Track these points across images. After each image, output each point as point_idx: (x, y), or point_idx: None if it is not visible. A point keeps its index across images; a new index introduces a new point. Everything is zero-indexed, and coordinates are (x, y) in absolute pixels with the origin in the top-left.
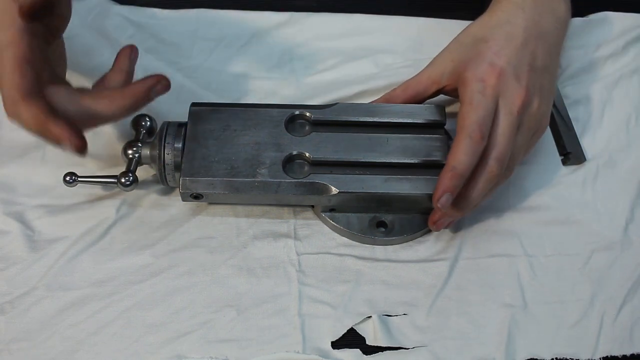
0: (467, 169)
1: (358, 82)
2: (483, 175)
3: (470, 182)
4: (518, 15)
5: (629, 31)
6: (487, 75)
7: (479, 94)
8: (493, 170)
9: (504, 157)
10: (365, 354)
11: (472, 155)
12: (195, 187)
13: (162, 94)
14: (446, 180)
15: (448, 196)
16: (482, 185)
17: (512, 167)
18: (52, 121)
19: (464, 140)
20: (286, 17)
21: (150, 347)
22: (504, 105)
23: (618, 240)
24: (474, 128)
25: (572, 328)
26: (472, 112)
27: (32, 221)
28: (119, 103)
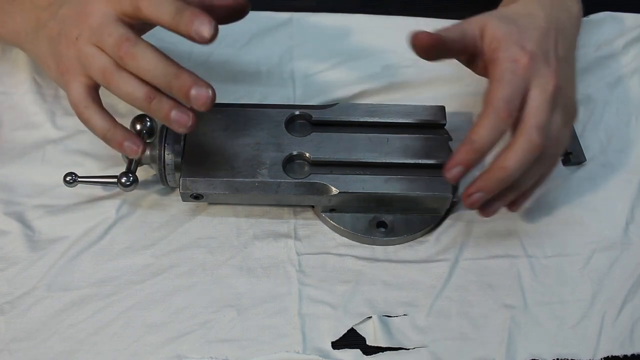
0: (486, 144)
1: (358, 82)
2: (522, 144)
3: (507, 152)
4: (538, 8)
5: (629, 31)
6: (520, 56)
7: (510, 72)
8: (534, 139)
9: (544, 127)
10: (365, 354)
11: (494, 131)
12: (196, 187)
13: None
14: (461, 153)
15: (460, 169)
16: (522, 155)
17: (557, 154)
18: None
19: (489, 115)
20: (286, 17)
21: (150, 347)
22: (538, 85)
23: (618, 240)
24: (501, 104)
25: (572, 328)
26: (500, 88)
27: (32, 221)
28: None
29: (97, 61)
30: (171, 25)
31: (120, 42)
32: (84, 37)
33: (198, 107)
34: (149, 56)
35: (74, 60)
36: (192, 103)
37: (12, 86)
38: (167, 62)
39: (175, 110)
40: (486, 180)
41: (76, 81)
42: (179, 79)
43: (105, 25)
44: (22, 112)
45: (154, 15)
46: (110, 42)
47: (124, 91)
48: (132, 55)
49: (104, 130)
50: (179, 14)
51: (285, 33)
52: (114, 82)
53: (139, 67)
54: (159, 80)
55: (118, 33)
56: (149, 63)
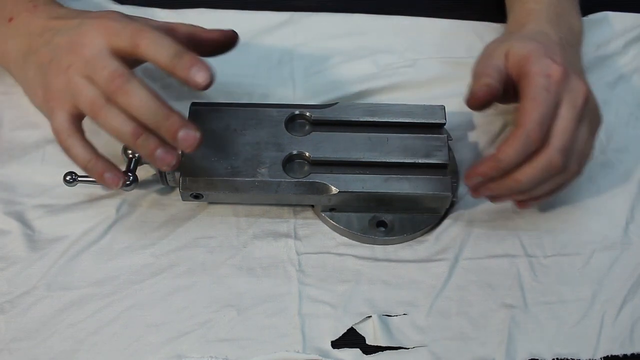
0: (511, 165)
1: (358, 82)
2: (542, 164)
3: (525, 167)
4: (548, 27)
5: (629, 31)
6: (553, 71)
7: (544, 90)
8: (555, 161)
9: (568, 148)
10: (365, 354)
11: (522, 153)
12: (195, 186)
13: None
14: (485, 167)
15: (479, 179)
16: (539, 173)
17: (583, 164)
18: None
19: (520, 136)
20: (286, 17)
21: (150, 346)
22: (568, 100)
23: (618, 240)
24: (534, 127)
25: (572, 328)
26: (534, 108)
27: (32, 221)
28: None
29: (87, 92)
30: (168, 67)
31: (113, 76)
32: (76, 67)
33: (184, 149)
34: (141, 94)
35: (62, 89)
36: (179, 144)
37: (12, 86)
38: (158, 102)
39: (160, 149)
40: (498, 185)
41: (61, 109)
42: (168, 120)
43: (99, 58)
44: (22, 112)
45: (151, 55)
46: (104, 75)
47: (111, 125)
48: (124, 91)
49: (84, 161)
50: (177, 57)
51: (285, 33)
52: (102, 116)
53: (130, 104)
54: (148, 119)
55: (112, 67)
56: (140, 101)
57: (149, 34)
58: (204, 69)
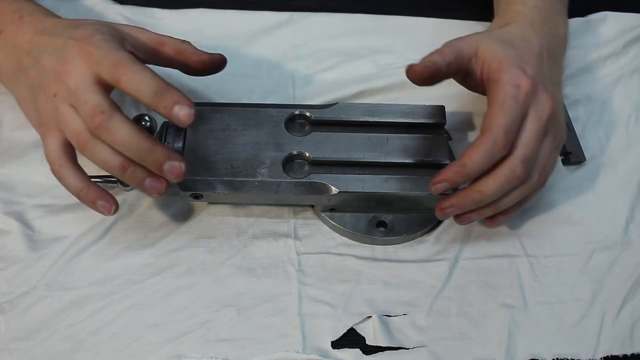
0: (477, 170)
1: (358, 82)
2: (504, 173)
3: (487, 178)
4: (531, 32)
5: (629, 31)
6: (522, 81)
7: (512, 99)
8: (517, 171)
9: (530, 159)
10: (365, 354)
11: (488, 159)
12: (195, 187)
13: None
14: (450, 173)
15: (446, 185)
16: (502, 184)
17: (546, 176)
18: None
19: (486, 142)
20: (286, 17)
21: (150, 346)
22: (534, 112)
23: (618, 240)
24: (500, 133)
25: (572, 328)
26: (502, 116)
27: (32, 221)
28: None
29: (73, 125)
30: (150, 104)
31: (94, 113)
32: (61, 96)
33: (170, 179)
34: (123, 131)
35: (51, 116)
36: (165, 175)
37: None
38: (141, 136)
39: (149, 179)
40: (461, 198)
41: (52, 136)
42: (152, 154)
43: (81, 90)
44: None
45: (133, 92)
46: (85, 110)
47: (98, 158)
48: (106, 128)
49: (77, 190)
50: (159, 96)
51: (285, 33)
52: (89, 149)
53: (113, 141)
54: (132, 154)
55: (93, 102)
56: (122, 138)
57: (128, 70)
58: (187, 106)
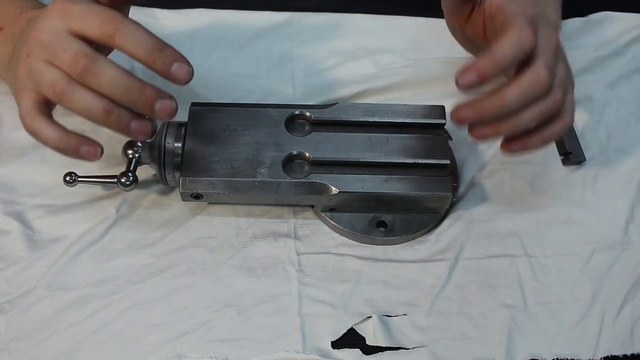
0: (507, 59)
1: (358, 82)
2: (528, 77)
3: (512, 82)
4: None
5: (629, 31)
6: (527, 9)
7: (522, 15)
8: (541, 76)
9: (552, 68)
10: (365, 354)
11: (517, 47)
12: (195, 187)
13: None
14: (479, 62)
15: (474, 76)
16: (526, 88)
17: (565, 94)
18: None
19: (512, 32)
20: (286, 17)
21: (150, 347)
22: (542, 37)
23: (618, 240)
24: (524, 23)
25: (572, 328)
26: (518, 19)
27: (32, 221)
28: None
29: (47, 76)
30: (147, 61)
31: (77, 57)
32: (34, 53)
33: (162, 118)
34: (112, 71)
35: (25, 78)
36: (157, 115)
37: None
38: (130, 77)
39: (134, 121)
40: (481, 103)
41: (26, 97)
42: (143, 93)
43: (57, 41)
44: None
45: (129, 48)
46: (65, 58)
47: (79, 106)
48: (92, 71)
49: (55, 140)
50: (157, 52)
51: (285, 33)
52: (67, 98)
53: (101, 84)
54: (121, 96)
55: (74, 48)
56: (111, 79)
57: (122, 25)
58: (185, 64)
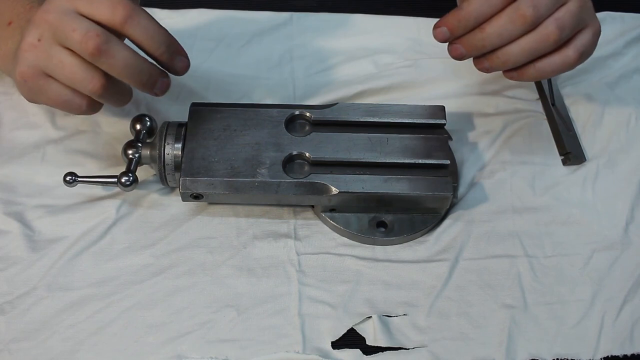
0: (473, 13)
1: (358, 82)
2: (508, 11)
3: (492, 19)
4: None
5: (629, 31)
6: None
7: None
8: (522, 9)
9: (542, 3)
10: (365, 354)
11: (485, 1)
12: (195, 187)
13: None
14: (448, 17)
15: (444, 30)
16: (503, 20)
17: (563, 32)
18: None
19: None
20: (286, 17)
21: (150, 347)
22: None
23: (618, 240)
24: None
25: (572, 328)
26: None
27: (32, 221)
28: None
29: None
30: (154, 53)
31: (88, 37)
32: (46, 37)
33: (157, 95)
34: (125, 54)
35: (40, 66)
36: (155, 92)
37: (12, 86)
38: (140, 58)
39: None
40: (467, 37)
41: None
42: (150, 76)
43: (65, 20)
44: (22, 112)
45: (139, 38)
46: (76, 37)
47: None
48: (105, 51)
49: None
50: (166, 46)
51: (285, 33)
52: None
53: (113, 65)
54: (131, 78)
55: (84, 27)
56: (122, 59)
57: (135, 14)
58: (185, 57)
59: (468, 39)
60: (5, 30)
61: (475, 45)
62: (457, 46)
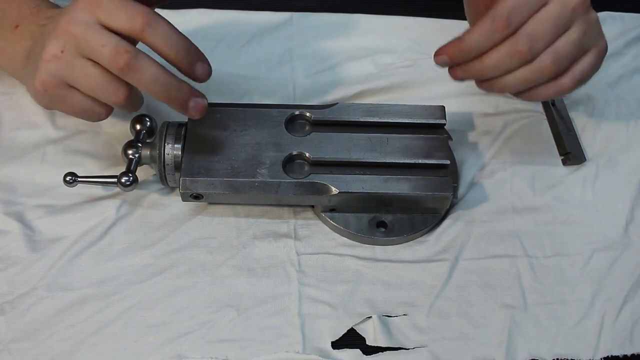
0: (474, 47)
1: (358, 82)
2: (505, 46)
3: (491, 51)
4: None
5: (629, 31)
6: None
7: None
8: (519, 44)
9: (538, 38)
10: (365, 354)
11: (485, 36)
12: (196, 187)
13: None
14: (450, 46)
15: (444, 58)
16: (501, 55)
17: (560, 64)
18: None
19: (485, 20)
20: (286, 17)
21: (150, 347)
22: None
23: (618, 240)
24: (502, 14)
25: (572, 328)
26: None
27: (32, 221)
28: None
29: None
30: (174, 60)
31: (118, 52)
32: (69, 50)
33: (193, 116)
34: (152, 69)
35: (62, 78)
36: (188, 112)
37: (12, 86)
38: (168, 73)
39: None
40: (468, 65)
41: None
42: (180, 91)
43: (92, 35)
44: (22, 112)
45: (158, 45)
46: (105, 53)
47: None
48: (133, 67)
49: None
50: (186, 51)
51: (285, 33)
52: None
53: (141, 79)
54: (159, 93)
55: (112, 43)
56: (152, 75)
57: (154, 21)
58: (207, 64)
59: (468, 68)
60: (12, 33)
61: (475, 74)
62: (458, 71)
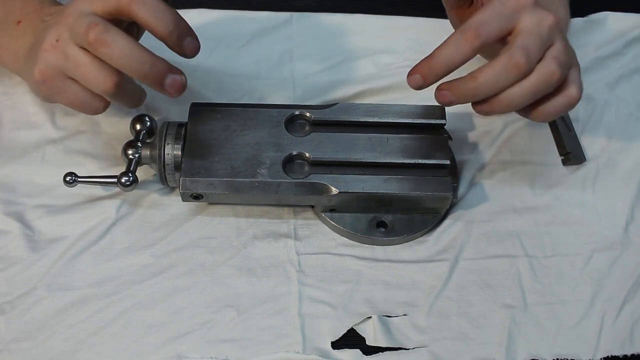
0: (443, 61)
1: (358, 82)
2: (501, 60)
3: (486, 65)
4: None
5: (629, 31)
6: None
7: (498, 2)
8: (516, 58)
9: (532, 50)
10: (365, 354)
11: (454, 51)
12: (195, 187)
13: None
14: (420, 64)
15: (417, 78)
16: (497, 71)
17: (546, 79)
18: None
19: (455, 34)
20: (286, 17)
21: (150, 347)
22: (533, 17)
23: (618, 240)
24: (470, 25)
25: (572, 328)
26: (479, 13)
27: (32, 221)
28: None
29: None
30: (162, 34)
31: (89, 27)
32: (64, 37)
33: (171, 94)
34: (122, 42)
35: (58, 66)
36: (166, 90)
37: (12, 86)
38: (141, 48)
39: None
40: (457, 84)
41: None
42: (154, 67)
43: (79, 20)
44: (22, 112)
45: (145, 17)
46: (79, 30)
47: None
48: (103, 41)
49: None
50: (174, 25)
51: (285, 33)
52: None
53: (111, 54)
54: (132, 68)
55: (87, 20)
56: (122, 49)
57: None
58: (196, 39)
59: (458, 87)
60: (15, 29)
61: (466, 95)
62: (444, 93)
